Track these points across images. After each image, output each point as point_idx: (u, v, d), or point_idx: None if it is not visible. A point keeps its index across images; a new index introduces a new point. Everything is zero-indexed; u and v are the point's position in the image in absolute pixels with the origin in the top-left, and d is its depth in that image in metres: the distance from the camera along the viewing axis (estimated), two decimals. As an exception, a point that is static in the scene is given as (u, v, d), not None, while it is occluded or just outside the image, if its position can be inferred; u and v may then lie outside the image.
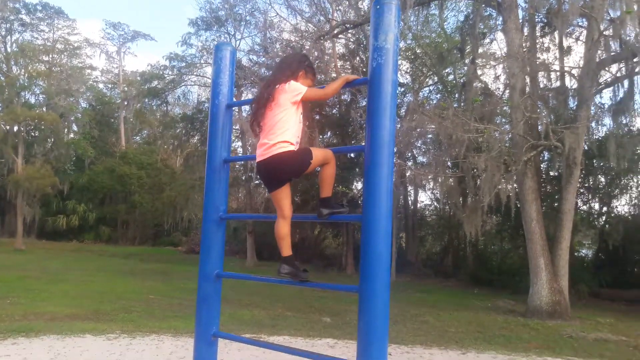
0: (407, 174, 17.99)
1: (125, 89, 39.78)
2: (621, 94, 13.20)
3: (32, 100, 33.15)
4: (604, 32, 11.90)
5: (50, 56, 35.12)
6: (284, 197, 2.72)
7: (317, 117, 22.32)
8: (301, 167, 2.67)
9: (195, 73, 29.20)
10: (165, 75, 29.07)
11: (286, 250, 2.77)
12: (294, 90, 2.67)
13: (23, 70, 29.94)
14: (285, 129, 2.65)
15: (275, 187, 2.73)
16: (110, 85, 42.57)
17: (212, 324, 3.04)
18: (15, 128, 27.47)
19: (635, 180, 19.87)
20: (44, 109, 30.70)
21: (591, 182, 19.95)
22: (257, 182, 25.49)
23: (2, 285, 12.20)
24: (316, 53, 20.84)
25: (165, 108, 34.33)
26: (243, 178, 25.52)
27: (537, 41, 15.21)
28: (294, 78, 2.76)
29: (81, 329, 7.49)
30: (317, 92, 2.76)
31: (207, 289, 3.07)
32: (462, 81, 19.96)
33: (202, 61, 27.85)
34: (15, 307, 9.22)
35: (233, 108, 3.58)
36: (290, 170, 2.69)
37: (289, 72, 2.78)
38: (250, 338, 4.03)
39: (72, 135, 35.71)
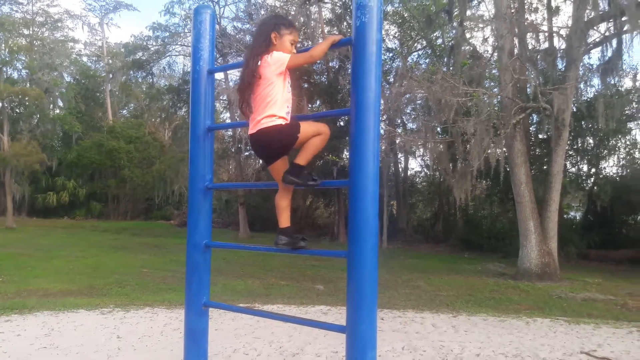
0: (397, 141, 17.95)
1: (110, 61, 39.02)
2: (609, 54, 13.13)
3: (15, 76, 32.47)
4: (593, -9, 11.76)
5: (31, 29, 34.22)
6: (282, 170, 2.66)
7: (306, 85, 22.08)
8: (288, 141, 2.59)
9: (179, 43, 28.67)
10: (150, 46, 28.52)
11: (284, 221, 2.73)
12: (277, 61, 2.57)
13: (3, 45, 29.15)
14: (272, 102, 2.57)
15: (270, 161, 2.68)
16: (94, 59, 41.72)
17: (202, 294, 3.03)
18: (0, 105, 26.98)
19: (623, 141, 20.01)
20: (28, 85, 30.07)
21: (580, 144, 20.07)
22: (246, 153, 25.35)
23: (-7, 263, 12.16)
24: (302, 19, 20.47)
25: (150, 80, 33.79)
26: (233, 150, 25.36)
27: (525, 1, 15.01)
28: (270, 46, 2.65)
29: (75, 304, 7.50)
30: (302, 57, 2.65)
31: (197, 260, 3.05)
32: (450, 44, 19.77)
33: (186, 30, 27.29)
34: (7, 285, 9.20)
35: (216, 76, 3.47)
36: (277, 145, 2.61)
37: (264, 43, 2.66)
38: (243, 307, 4.05)
39: (57, 111, 35.11)
